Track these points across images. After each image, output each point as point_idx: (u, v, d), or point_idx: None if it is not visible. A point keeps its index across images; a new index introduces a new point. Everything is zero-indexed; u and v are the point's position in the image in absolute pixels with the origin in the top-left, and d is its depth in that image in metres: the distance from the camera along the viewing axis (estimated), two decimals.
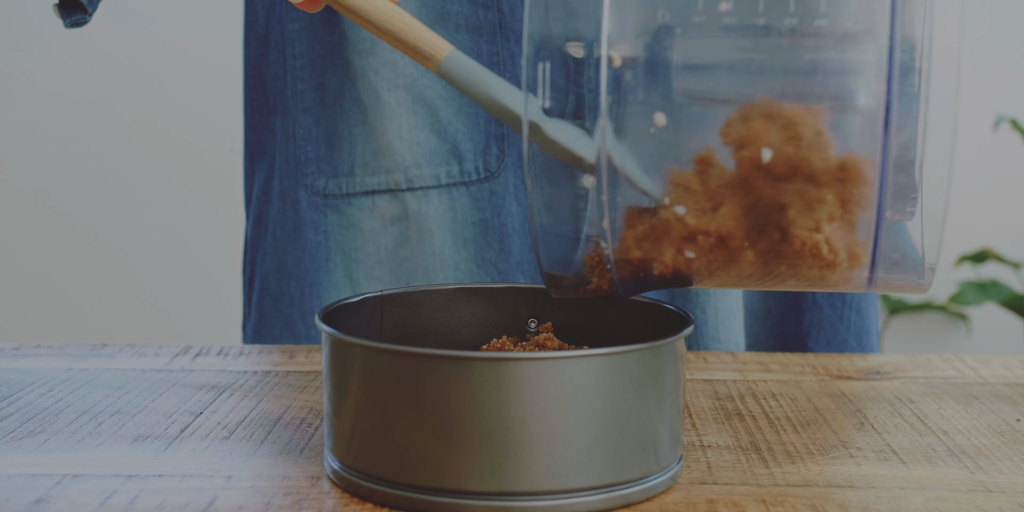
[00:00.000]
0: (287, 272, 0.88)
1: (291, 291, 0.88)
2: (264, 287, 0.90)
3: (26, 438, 0.59)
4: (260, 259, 0.91)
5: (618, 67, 0.49)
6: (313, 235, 0.86)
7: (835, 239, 0.48)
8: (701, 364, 0.76)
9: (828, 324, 0.86)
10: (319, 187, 0.85)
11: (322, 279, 0.86)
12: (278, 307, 0.89)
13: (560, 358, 0.48)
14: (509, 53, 0.82)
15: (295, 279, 0.88)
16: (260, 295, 0.90)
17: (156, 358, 0.76)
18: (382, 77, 0.82)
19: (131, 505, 0.50)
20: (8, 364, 0.74)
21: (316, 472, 0.54)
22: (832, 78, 0.48)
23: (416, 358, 0.48)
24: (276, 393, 0.68)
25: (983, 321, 2.23)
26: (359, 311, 0.59)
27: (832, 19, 0.47)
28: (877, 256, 0.49)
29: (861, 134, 0.47)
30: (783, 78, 0.48)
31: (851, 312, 0.87)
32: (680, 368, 0.52)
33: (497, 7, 0.82)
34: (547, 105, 0.50)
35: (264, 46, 0.89)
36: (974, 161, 2.17)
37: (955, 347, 2.23)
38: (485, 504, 0.48)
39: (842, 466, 0.56)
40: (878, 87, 0.46)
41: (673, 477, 0.53)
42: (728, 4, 0.48)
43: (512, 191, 0.83)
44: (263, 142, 0.90)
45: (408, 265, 0.84)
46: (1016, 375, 0.74)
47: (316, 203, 0.85)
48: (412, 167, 0.83)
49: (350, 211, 0.85)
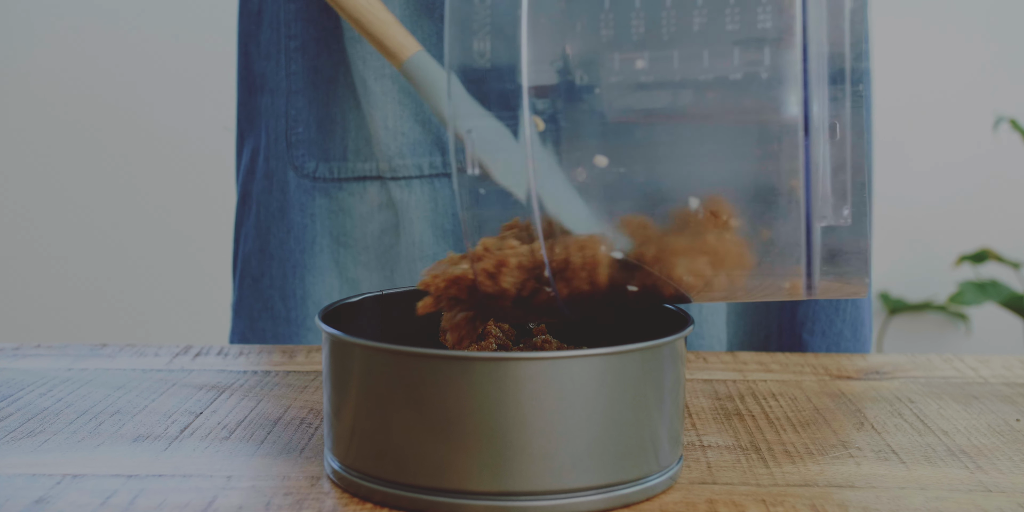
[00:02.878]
0: (269, 252, 0.87)
1: (272, 272, 0.87)
2: (246, 266, 0.89)
3: (26, 438, 0.59)
4: (243, 238, 0.90)
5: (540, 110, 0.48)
6: (300, 217, 0.86)
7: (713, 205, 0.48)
8: (701, 364, 0.76)
9: (823, 315, 0.86)
10: (309, 169, 0.85)
11: (307, 262, 0.85)
12: (258, 287, 0.88)
13: (560, 358, 0.48)
14: None
15: (277, 260, 0.87)
16: (241, 274, 0.90)
17: (156, 358, 0.76)
18: (369, 66, 0.82)
19: (131, 505, 0.50)
20: (8, 364, 0.74)
21: (316, 472, 0.54)
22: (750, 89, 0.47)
23: (416, 358, 0.48)
24: (276, 393, 0.68)
25: (983, 321, 2.23)
26: (359, 311, 0.59)
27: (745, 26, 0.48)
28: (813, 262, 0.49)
29: (782, 146, 0.47)
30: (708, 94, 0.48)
31: (847, 302, 0.86)
32: (680, 368, 0.52)
33: None
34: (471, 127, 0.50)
35: (256, 25, 0.88)
36: (974, 161, 2.17)
37: (955, 347, 2.23)
38: (485, 504, 0.48)
39: (842, 466, 0.56)
40: (796, 96, 0.47)
41: (673, 477, 0.53)
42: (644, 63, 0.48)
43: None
44: (252, 120, 0.90)
45: (392, 253, 0.84)
46: (1016, 375, 0.74)
47: (304, 185, 0.85)
48: (396, 156, 0.83)
49: (341, 195, 0.85)
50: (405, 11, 0.81)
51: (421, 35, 0.82)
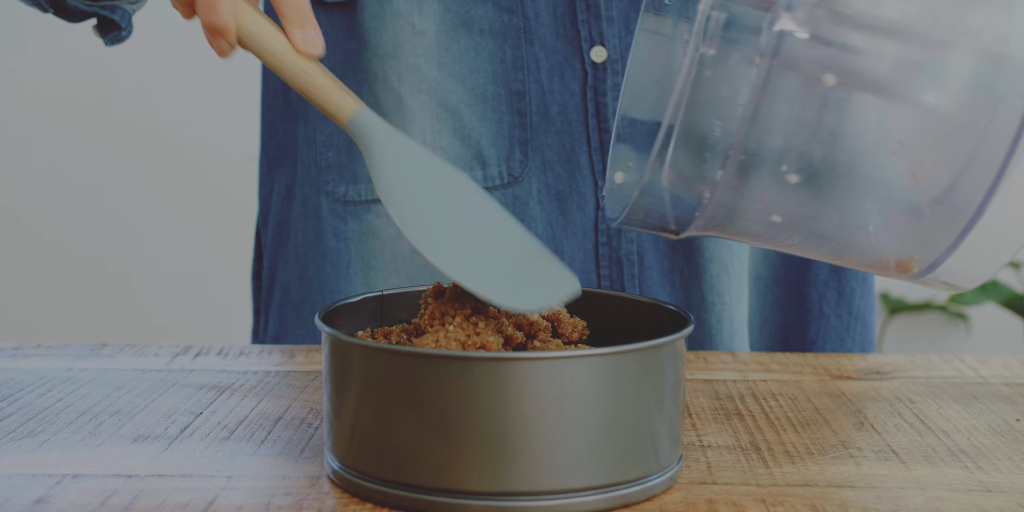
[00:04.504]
0: (308, 279, 0.88)
1: (312, 298, 0.88)
2: (285, 294, 0.90)
3: (26, 438, 0.59)
4: (281, 266, 0.90)
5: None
6: (334, 242, 0.86)
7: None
8: (701, 364, 0.76)
9: (834, 334, 0.87)
10: (339, 194, 0.85)
11: (342, 287, 0.85)
12: (299, 314, 0.89)
13: (560, 358, 0.48)
14: (533, 58, 0.81)
15: (316, 286, 0.87)
16: (281, 302, 0.90)
17: (156, 358, 0.76)
18: (405, 82, 0.82)
19: (131, 505, 0.50)
20: (8, 364, 0.74)
21: (316, 472, 0.54)
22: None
23: (416, 358, 0.48)
24: (276, 393, 0.68)
25: (983, 321, 2.23)
26: (359, 311, 0.59)
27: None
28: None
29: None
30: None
31: (856, 323, 0.87)
32: (680, 368, 0.52)
33: (522, 12, 0.81)
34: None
35: None
36: None
37: (955, 347, 2.23)
38: (485, 504, 0.48)
39: (842, 466, 0.56)
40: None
41: (673, 477, 0.53)
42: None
43: (536, 196, 0.82)
44: (284, 148, 0.90)
45: (426, 271, 0.84)
46: (1016, 375, 0.74)
47: (337, 210, 0.85)
48: None
49: (369, 217, 0.84)
50: (441, 26, 0.81)
51: (457, 50, 0.81)
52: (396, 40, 0.82)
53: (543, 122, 0.82)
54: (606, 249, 0.83)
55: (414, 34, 0.81)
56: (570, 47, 0.82)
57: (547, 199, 0.83)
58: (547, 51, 0.82)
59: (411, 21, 0.81)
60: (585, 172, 0.82)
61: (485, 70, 0.82)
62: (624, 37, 0.82)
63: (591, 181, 0.82)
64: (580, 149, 0.82)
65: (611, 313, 0.60)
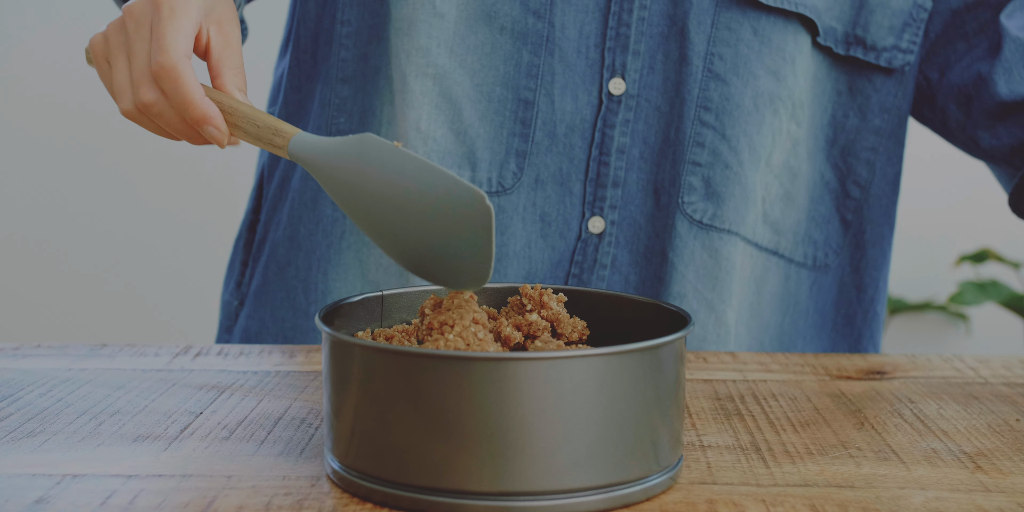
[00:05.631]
0: (298, 242, 0.86)
1: (299, 262, 0.86)
2: (272, 253, 0.88)
3: (26, 438, 0.59)
4: (274, 225, 0.88)
5: None
6: (331, 210, 0.84)
7: None
8: (701, 364, 0.76)
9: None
10: None
11: (332, 256, 0.84)
12: (283, 276, 0.87)
13: (560, 358, 0.48)
14: (549, 69, 0.79)
15: (305, 250, 0.86)
16: (267, 261, 0.88)
17: (156, 358, 0.76)
18: (412, 61, 0.79)
19: (131, 505, 0.50)
20: (8, 364, 0.74)
21: (316, 472, 0.54)
22: None
23: (416, 358, 0.48)
24: (276, 393, 0.68)
25: (983, 321, 2.23)
26: (359, 311, 0.59)
27: None
28: None
29: None
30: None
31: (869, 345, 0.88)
32: (680, 368, 0.52)
33: (549, 19, 0.79)
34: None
35: (321, 7, 0.86)
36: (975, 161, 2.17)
37: (955, 347, 2.23)
38: (485, 504, 0.48)
39: (842, 466, 0.56)
40: None
41: (673, 477, 0.53)
42: None
43: (520, 212, 0.80)
44: (303, 106, 0.88)
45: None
46: (1016, 375, 0.74)
47: None
48: None
49: None
50: (462, 13, 0.79)
51: (473, 41, 0.79)
52: (413, 16, 0.79)
53: (547, 139, 0.80)
54: (575, 281, 0.81)
55: (432, 14, 0.79)
56: (590, 71, 0.79)
57: (531, 218, 0.81)
58: (565, 67, 0.79)
59: (433, 0, 0.79)
60: (576, 200, 0.80)
61: (497, 69, 0.80)
62: (647, 74, 0.79)
63: (579, 210, 0.80)
64: (576, 176, 0.80)
65: (611, 313, 0.60)
